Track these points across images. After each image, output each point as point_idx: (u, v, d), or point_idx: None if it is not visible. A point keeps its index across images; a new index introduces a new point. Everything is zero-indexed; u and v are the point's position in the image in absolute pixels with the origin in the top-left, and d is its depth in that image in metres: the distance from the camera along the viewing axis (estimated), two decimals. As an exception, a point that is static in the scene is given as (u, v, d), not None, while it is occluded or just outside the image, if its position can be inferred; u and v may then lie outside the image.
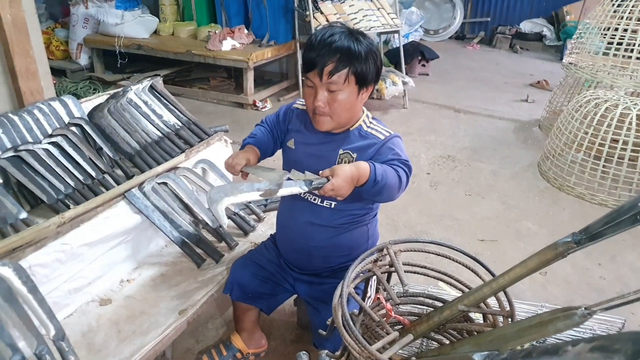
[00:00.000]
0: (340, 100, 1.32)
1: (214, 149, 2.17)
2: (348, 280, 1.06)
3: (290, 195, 1.34)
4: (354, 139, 1.43)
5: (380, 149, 1.39)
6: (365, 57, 1.30)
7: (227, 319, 1.99)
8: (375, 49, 1.35)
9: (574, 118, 3.22)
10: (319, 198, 1.48)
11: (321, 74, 1.29)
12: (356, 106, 1.38)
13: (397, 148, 1.39)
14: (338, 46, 1.28)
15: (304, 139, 1.51)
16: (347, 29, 1.33)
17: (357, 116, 1.44)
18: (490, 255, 2.50)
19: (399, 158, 1.37)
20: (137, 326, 1.49)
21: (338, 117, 1.36)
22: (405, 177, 1.34)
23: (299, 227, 1.55)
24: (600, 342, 0.57)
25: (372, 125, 1.45)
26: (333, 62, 1.28)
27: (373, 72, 1.34)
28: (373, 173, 1.26)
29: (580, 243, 0.84)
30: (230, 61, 4.47)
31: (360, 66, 1.29)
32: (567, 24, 7.27)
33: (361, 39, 1.32)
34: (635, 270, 2.44)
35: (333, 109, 1.33)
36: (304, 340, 1.88)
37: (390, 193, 1.32)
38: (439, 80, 5.79)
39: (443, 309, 1.05)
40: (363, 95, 1.38)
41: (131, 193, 1.72)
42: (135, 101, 2.14)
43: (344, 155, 1.42)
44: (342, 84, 1.30)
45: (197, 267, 1.78)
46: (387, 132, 1.44)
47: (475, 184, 3.29)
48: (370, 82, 1.36)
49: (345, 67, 1.28)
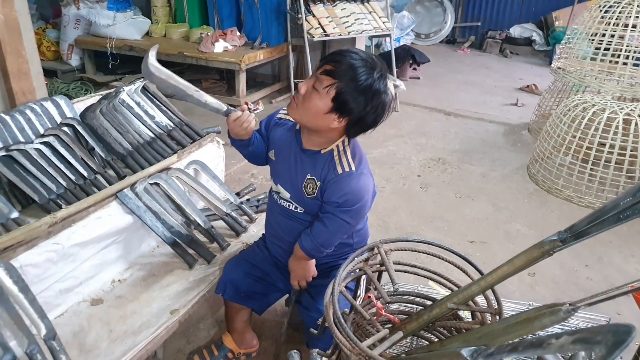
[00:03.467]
0: (311, 99, 1.28)
1: (206, 150, 2.18)
2: (339, 278, 1.07)
3: (271, 198, 1.58)
4: (323, 164, 1.40)
5: (330, 184, 1.38)
6: (361, 95, 1.24)
7: (219, 319, 2.00)
8: (380, 106, 1.28)
9: (562, 122, 3.27)
10: (291, 203, 1.51)
11: (321, 65, 1.29)
12: (319, 120, 1.30)
13: (341, 192, 1.36)
14: (348, 66, 1.24)
15: (281, 154, 1.53)
16: (380, 72, 1.27)
17: (326, 138, 1.38)
18: (480, 257, 2.53)
19: (334, 209, 1.38)
20: (129, 326, 1.50)
21: (300, 114, 1.33)
22: (340, 223, 1.41)
23: (281, 225, 1.58)
24: (582, 334, 0.59)
25: (341, 153, 1.39)
26: (335, 67, 1.25)
27: (356, 112, 1.27)
28: (307, 252, 1.46)
29: (566, 241, 0.86)
30: (223, 63, 4.47)
31: (349, 92, 1.24)
32: (556, 29, 7.37)
33: (379, 87, 1.26)
34: (621, 271, 2.49)
35: (303, 102, 1.31)
36: (295, 340, 1.89)
37: (337, 238, 1.49)
38: (430, 83, 5.83)
39: (432, 307, 1.07)
40: (334, 122, 1.30)
41: (123, 193, 1.72)
42: (128, 102, 2.14)
43: (310, 181, 1.43)
44: (322, 88, 1.26)
45: (189, 268, 1.78)
46: (348, 167, 1.37)
47: (465, 186, 3.32)
48: (345, 115, 1.28)
49: (336, 79, 1.25)
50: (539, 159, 3.41)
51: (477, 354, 0.75)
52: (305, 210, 1.49)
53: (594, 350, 0.56)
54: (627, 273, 2.48)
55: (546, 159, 3.34)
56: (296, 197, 1.49)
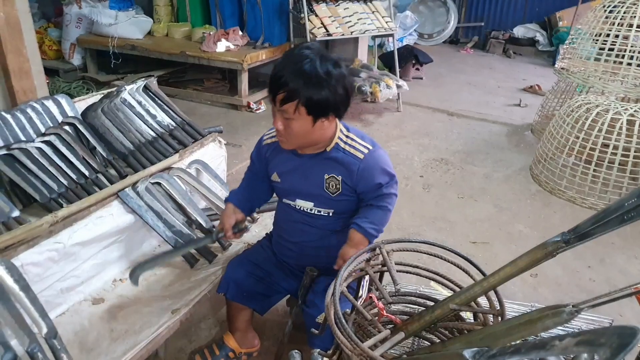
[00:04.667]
0: (293, 127, 1.33)
1: (208, 149, 2.17)
2: (341, 278, 1.07)
3: (286, 203, 1.56)
4: (335, 159, 1.44)
5: (361, 172, 1.41)
6: (322, 88, 1.27)
7: (220, 319, 1.99)
8: (340, 79, 1.31)
9: (565, 122, 3.26)
10: (317, 208, 1.51)
11: (274, 101, 1.32)
12: (314, 134, 1.36)
13: (377, 172, 1.42)
14: (291, 77, 1.26)
15: (285, 168, 1.53)
16: (315, 56, 1.29)
17: (326, 138, 1.42)
18: (482, 257, 2.52)
19: (383, 190, 1.43)
20: (130, 325, 1.49)
21: (295, 141, 1.39)
22: (394, 199, 1.46)
23: (294, 226, 1.58)
24: (586, 336, 0.58)
25: (348, 141, 1.44)
26: (284, 92, 1.28)
27: (332, 103, 1.31)
28: (371, 238, 1.43)
29: (569, 242, 0.85)
30: (225, 63, 4.47)
31: (313, 98, 1.27)
32: (559, 30, 7.34)
33: (326, 69, 1.27)
34: (624, 272, 2.47)
35: (288, 134, 1.36)
36: (297, 340, 1.88)
37: (387, 222, 1.49)
38: (433, 83, 5.82)
39: (434, 308, 1.06)
40: (324, 124, 1.35)
41: (124, 193, 1.72)
42: (129, 101, 2.14)
43: (330, 179, 1.45)
44: (292, 114, 1.30)
45: (190, 267, 1.78)
46: (366, 148, 1.43)
47: (468, 187, 3.31)
48: (328, 112, 1.32)
49: (294, 98, 1.27)
50: (542, 159, 3.40)
51: (479, 356, 0.74)
52: (335, 210, 1.50)
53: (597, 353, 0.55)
54: (630, 274, 2.46)
55: (549, 159, 3.33)
56: (321, 202, 1.49)
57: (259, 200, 1.69)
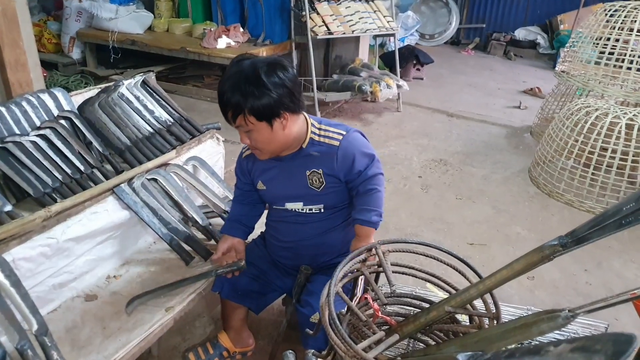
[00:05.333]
0: (256, 138, 1.37)
1: (206, 146, 2.16)
2: (336, 279, 1.06)
3: (277, 213, 1.58)
4: (313, 154, 1.45)
5: (340, 159, 1.43)
6: (259, 94, 1.29)
7: (215, 317, 1.98)
8: (278, 81, 1.31)
9: (565, 125, 3.25)
10: (307, 207, 1.51)
11: (227, 119, 1.36)
12: (278, 136, 1.37)
13: (357, 154, 1.43)
14: (230, 94, 1.30)
15: (267, 175, 1.54)
16: (248, 67, 1.31)
17: (296, 136, 1.43)
18: (479, 259, 2.51)
19: (368, 173, 1.44)
20: (123, 322, 1.48)
21: (266, 149, 1.41)
22: (381, 178, 1.47)
23: (287, 227, 1.57)
24: (581, 342, 0.57)
25: (322, 132, 1.46)
26: (229, 109, 1.32)
27: (277, 104, 1.32)
28: (375, 225, 1.45)
29: (567, 246, 0.84)
30: (225, 59, 4.45)
31: (255, 105, 1.29)
32: (560, 33, 7.33)
33: (259, 77, 1.29)
34: (620, 276, 2.47)
35: (256, 145, 1.39)
36: (291, 339, 1.87)
37: (383, 201, 1.49)
38: (433, 84, 5.81)
39: (430, 309, 1.05)
40: (283, 123, 1.36)
41: (120, 188, 1.70)
42: (127, 96, 2.13)
43: (312, 175, 1.46)
44: (246, 126, 1.33)
45: (185, 265, 1.76)
46: (339, 135, 1.45)
47: (466, 188, 3.30)
48: (278, 111, 1.33)
49: (239, 111, 1.31)
50: (540, 162, 3.39)
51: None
52: (325, 205, 1.50)
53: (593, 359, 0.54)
54: (626, 278, 2.46)
55: (548, 162, 3.32)
56: (309, 200, 1.50)
57: (254, 218, 1.71)
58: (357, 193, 1.47)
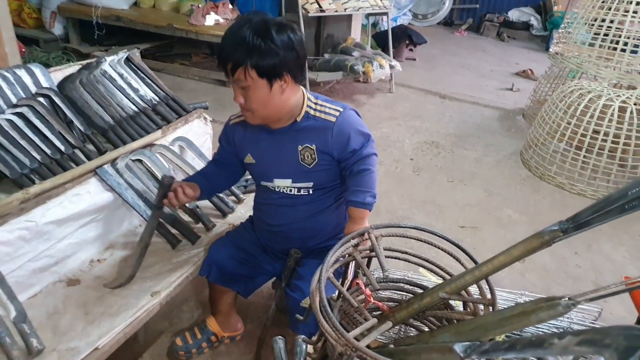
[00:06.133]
0: (252, 96, 1.31)
1: (193, 126, 2.10)
2: (327, 264, 1.02)
3: (264, 186, 1.51)
4: (306, 128, 1.41)
5: (336, 136, 1.39)
6: (266, 50, 1.24)
7: (203, 301, 1.95)
8: (287, 41, 1.27)
9: (557, 108, 3.22)
10: (295, 184, 1.46)
11: (226, 72, 1.30)
12: (275, 100, 1.33)
13: (353, 132, 1.40)
14: (234, 44, 1.26)
15: (258, 148, 1.48)
16: (256, 22, 1.27)
17: (292, 106, 1.39)
18: (470, 242, 2.50)
19: (363, 153, 1.40)
20: (106, 308, 1.44)
21: (259, 112, 1.35)
22: (374, 159, 1.43)
23: (275, 210, 1.53)
24: (588, 335, 0.54)
25: (318, 107, 1.42)
26: (231, 60, 1.27)
27: (281, 64, 1.27)
28: (370, 206, 1.40)
29: (567, 232, 0.81)
30: (214, 37, 4.34)
31: (259, 60, 1.25)
32: (554, 14, 7.26)
33: (269, 32, 1.25)
34: (610, 259, 2.47)
35: (249, 105, 1.33)
36: (281, 323, 1.84)
37: (376, 182, 1.45)
38: (426, 65, 5.74)
39: (423, 295, 1.01)
40: (283, 87, 1.32)
41: (103, 169, 1.64)
42: (110, 73, 2.05)
43: (304, 150, 1.42)
44: (245, 81, 1.28)
45: (172, 248, 1.72)
46: (336, 111, 1.41)
47: (458, 171, 3.28)
48: (281, 73, 1.29)
49: (242, 64, 1.26)
50: (532, 144, 3.37)
51: (471, 350, 0.70)
52: (314, 184, 1.46)
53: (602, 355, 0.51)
54: (615, 261, 2.46)
55: (540, 145, 3.30)
56: (298, 177, 1.45)
57: (221, 183, 1.64)
58: (350, 173, 1.43)
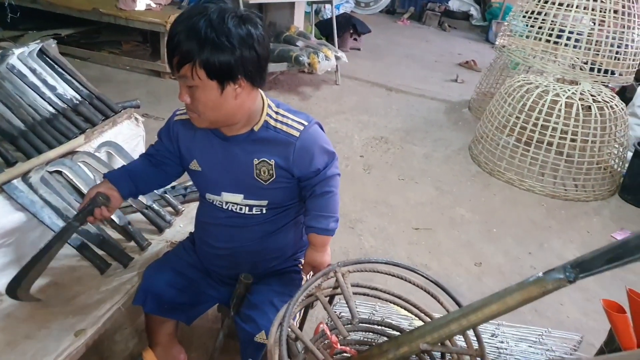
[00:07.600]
0: (199, 98, 1.11)
1: (122, 128, 1.86)
2: (289, 312, 0.85)
3: (210, 200, 1.32)
4: (265, 140, 1.22)
5: (298, 152, 1.22)
6: (219, 45, 1.05)
7: (139, 328, 1.73)
8: (247, 38, 1.08)
9: (506, 102, 3.22)
10: (247, 201, 1.28)
11: (171, 66, 1.10)
12: (226, 105, 1.13)
13: (317, 151, 1.25)
14: (184, 36, 1.06)
15: (206, 154, 1.28)
16: (215, 11, 1.07)
17: (247, 112, 1.20)
18: (425, 245, 2.42)
19: (326, 173, 1.27)
20: (19, 355, 1.20)
21: (207, 116, 1.15)
22: (338, 180, 1.31)
23: (222, 231, 1.34)
24: None
25: (279, 118, 1.23)
26: (177, 53, 1.07)
27: (237, 64, 1.08)
28: (332, 232, 1.29)
29: (575, 281, 0.69)
30: (145, 24, 3.99)
31: (212, 58, 1.05)
32: (492, 5, 7.42)
33: (225, 24, 1.06)
34: (561, 258, 2.49)
35: (196, 107, 1.13)
36: (229, 350, 1.67)
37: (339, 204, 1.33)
38: (371, 55, 5.65)
39: (400, 343, 0.88)
40: (237, 92, 1.12)
41: (12, 186, 1.39)
42: (20, 68, 1.74)
43: (261, 165, 1.23)
44: (192, 80, 1.08)
45: (100, 274, 1.49)
46: (300, 125, 1.23)
47: (408, 168, 3.20)
48: (235, 75, 1.09)
49: (189, 60, 1.06)
50: (481, 139, 3.36)
51: None
52: (269, 202, 1.28)
53: None
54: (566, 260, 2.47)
55: (489, 140, 3.29)
56: (251, 193, 1.27)
57: (150, 184, 1.40)
58: (311, 194, 1.27)
